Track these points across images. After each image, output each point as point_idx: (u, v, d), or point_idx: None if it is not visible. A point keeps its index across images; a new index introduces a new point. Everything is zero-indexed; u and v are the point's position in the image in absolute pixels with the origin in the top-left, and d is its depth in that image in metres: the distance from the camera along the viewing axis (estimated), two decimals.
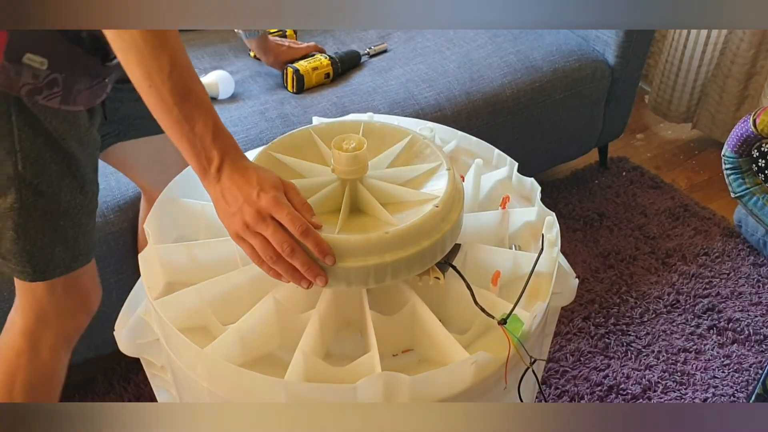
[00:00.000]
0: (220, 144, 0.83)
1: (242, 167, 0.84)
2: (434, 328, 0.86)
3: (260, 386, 0.79)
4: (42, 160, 0.99)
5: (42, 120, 0.98)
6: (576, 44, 2.00)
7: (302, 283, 0.84)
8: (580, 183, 2.27)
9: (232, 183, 0.83)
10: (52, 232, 1.04)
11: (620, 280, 1.94)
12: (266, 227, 0.81)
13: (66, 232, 1.06)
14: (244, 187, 0.82)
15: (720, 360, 1.73)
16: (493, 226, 1.02)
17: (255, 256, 0.84)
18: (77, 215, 1.06)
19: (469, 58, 1.90)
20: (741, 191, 1.85)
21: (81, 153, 1.04)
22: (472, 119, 1.82)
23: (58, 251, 1.06)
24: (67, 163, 1.02)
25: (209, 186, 0.85)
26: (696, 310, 1.85)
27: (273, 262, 0.82)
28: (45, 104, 0.97)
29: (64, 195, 1.03)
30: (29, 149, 0.98)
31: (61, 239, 1.06)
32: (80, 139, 1.04)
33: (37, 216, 1.02)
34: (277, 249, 0.81)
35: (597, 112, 2.10)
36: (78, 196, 1.05)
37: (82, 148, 1.04)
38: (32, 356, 1.15)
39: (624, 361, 1.73)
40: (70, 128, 1.01)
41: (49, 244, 1.05)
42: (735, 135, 1.80)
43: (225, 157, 0.83)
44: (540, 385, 0.94)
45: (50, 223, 1.03)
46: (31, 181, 0.99)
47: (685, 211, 2.16)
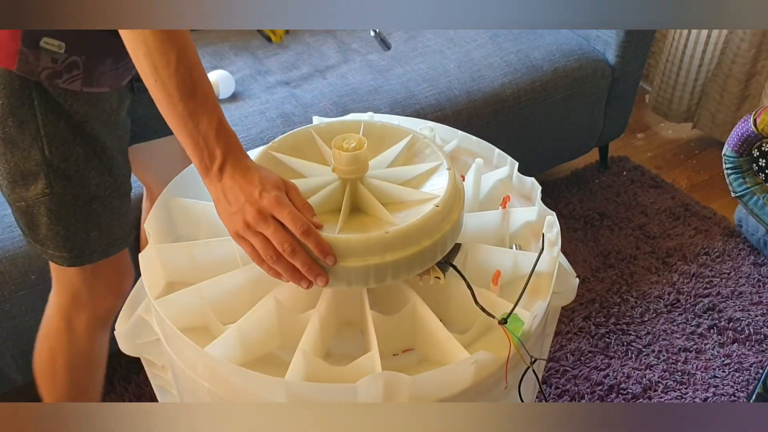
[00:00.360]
0: (224, 142, 0.83)
1: (244, 167, 0.83)
2: (435, 328, 0.86)
3: (261, 386, 0.79)
4: (67, 143, 1.00)
5: (63, 104, 0.98)
6: (576, 44, 2.00)
7: (303, 283, 0.84)
8: (580, 182, 2.27)
9: (233, 182, 0.83)
10: (86, 216, 1.05)
11: (621, 279, 1.93)
12: (267, 226, 0.81)
13: (99, 217, 1.07)
14: (245, 186, 0.82)
15: (720, 359, 1.73)
16: (493, 225, 1.02)
17: (255, 255, 0.83)
18: (108, 198, 1.07)
19: (469, 58, 1.90)
20: (741, 191, 1.85)
21: (107, 135, 1.05)
22: (473, 119, 1.82)
23: (94, 236, 1.07)
24: (92, 146, 1.03)
25: (211, 184, 0.85)
26: (696, 310, 1.85)
27: (273, 262, 0.82)
28: (66, 87, 0.98)
29: (93, 178, 1.04)
30: (54, 134, 0.99)
31: (95, 224, 1.07)
32: (106, 122, 1.04)
33: (68, 201, 1.03)
34: (278, 248, 0.81)
35: (597, 111, 2.10)
36: (107, 178, 1.06)
37: (107, 131, 1.05)
38: (69, 335, 1.20)
39: (624, 361, 1.73)
40: (94, 110, 1.02)
41: (83, 229, 1.06)
42: (735, 134, 1.80)
43: (228, 155, 0.83)
44: (540, 384, 0.94)
45: (82, 207, 1.05)
46: (58, 165, 1.01)
47: (685, 211, 2.16)
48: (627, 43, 1.99)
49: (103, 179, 1.05)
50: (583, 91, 2.00)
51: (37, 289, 1.39)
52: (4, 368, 1.47)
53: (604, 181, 2.28)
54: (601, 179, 2.29)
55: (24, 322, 1.42)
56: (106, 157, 1.05)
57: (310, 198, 0.89)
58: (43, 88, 0.97)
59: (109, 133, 1.05)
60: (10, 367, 1.47)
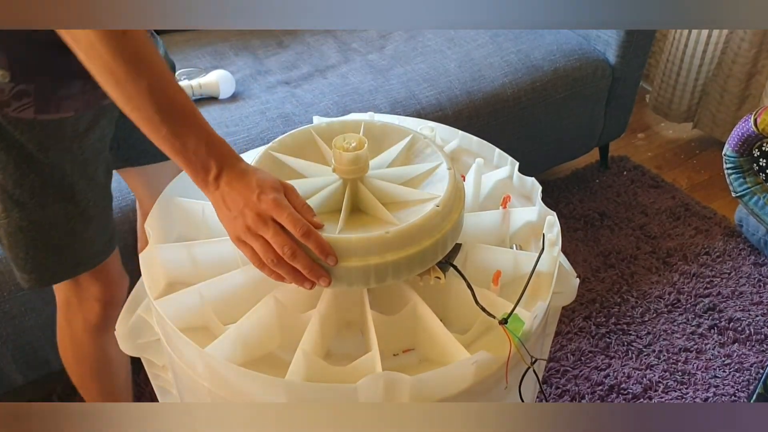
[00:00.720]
0: (216, 153, 0.83)
1: (241, 172, 0.83)
2: (435, 328, 0.86)
3: (261, 386, 0.79)
4: (20, 171, 0.97)
5: (14, 132, 0.94)
6: (577, 44, 2.00)
7: (305, 285, 0.83)
8: (580, 182, 2.27)
9: (231, 188, 0.82)
10: (44, 242, 1.03)
11: (621, 279, 1.93)
12: (267, 230, 0.81)
13: (59, 242, 1.04)
14: (243, 191, 0.81)
15: (721, 359, 1.73)
16: (494, 225, 1.02)
17: (256, 259, 0.83)
18: (68, 224, 1.03)
19: (469, 58, 1.90)
20: (742, 191, 1.85)
21: (68, 162, 1.00)
22: (473, 119, 1.82)
23: (54, 261, 1.05)
24: (49, 174, 0.99)
25: (209, 193, 0.84)
26: (697, 310, 1.85)
27: (274, 265, 0.82)
28: (17, 116, 0.93)
29: (49, 205, 1.00)
30: (5, 161, 0.96)
31: (55, 249, 1.04)
32: (67, 148, 0.99)
33: (24, 227, 1.01)
34: (278, 252, 0.81)
35: (598, 111, 2.10)
36: (66, 205, 1.02)
37: (70, 157, 1.00)
38: (71, 335, 1.21)
39: (625, 361, 1.72)
40: (50, 139, 0.97)
41: (41, 255, 1.04)
42: (736, 134, 1.80)
43: (222, 165, 0.83)
44: (541, 384, 0.94)
45: (40, 233, 1.02)
46: (12, 192, 0.98)
47: (685, 211, 2.16)
48: (627, 42, 1.99)
49: (62, 206, 1.01)
50: (584, 91, 2.00)
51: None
52: (4, 368, 1.47)
53: (605, 181, 2.28)
54: (601, 179, 2.29)
55: (24, 322, 1.42)
56: (66, 183, 1.01)
57: (311, 198, 0.89)
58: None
59: (71, 160, 1.00)
60: (11, 367, 1.47)
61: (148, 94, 0.79)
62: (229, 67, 1.83)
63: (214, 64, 1.85)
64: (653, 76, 2.61)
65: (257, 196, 0.81)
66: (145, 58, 0.79)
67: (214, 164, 0.82)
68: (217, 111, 1.68)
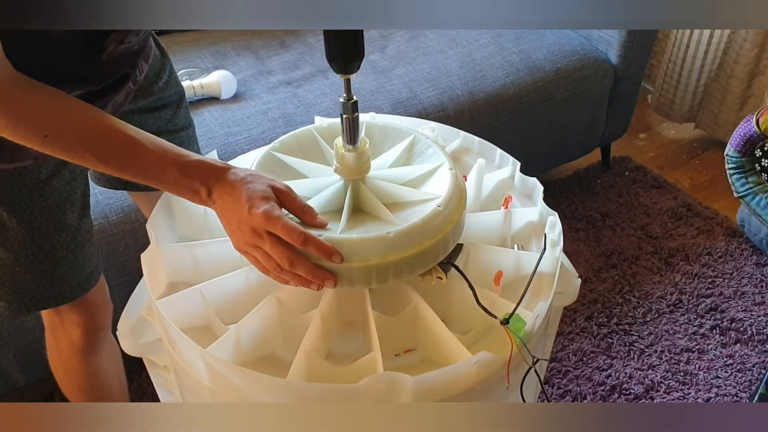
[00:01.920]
0: (197, 176, 0.82)
1: (229, 185, 0.82)
2: (436, 328, 0.86)
3: (262, 386, 0.79)
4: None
5: None
6: (579, 44, 2.00)
7: (312, 287, 0.83)
8: (582, 183, 2.27)
9: (224, 203, 0.82)
10: (10, 277, 1.01)
11: (623, 279, 1.93)
12: (264, 243, 0.80)
13: (23, 278, 1.01)
14: (234, 206, 0.81)
15: (723, 360, 1.73)
16: (495, 225, 1.02)
17: (260, 267, 0.84)
18: (32, 264, 1.00)
19: (471, 58, 1.90)
20: (744, 191, 1.84)
21: (27, 211, 0.96)
22: (475, 119, 1.82)
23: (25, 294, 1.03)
24: (7, 218, 0.96)
25: (209, 207, 0.85)
26: (699, 310, 1.85)
27: (278, 273, 0.82)
28: None
29: (12, 246, 0.98)
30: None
31: (24, 284, 1.02)
32: (25, 196, 0.95)
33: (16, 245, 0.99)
34: (278, 263, 0.81)
35: (599, 111, 2.10)
36: (30, 247, 0.99)
37: (29, 205, 0.96)
38: (58, 353, 1.21)
39: (626, 361, 1.72)
40: (6, 187, 0.93)
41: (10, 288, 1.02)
42: (738, 134, 1.79)
43: (209, 183, 0.82)
44: (542, 384, 0.94)
45: (4, 269, 1.00)
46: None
47: (687, 211, 2.16)
48: (629, 43, 1.99)
49: (23, 248, 0.98)
50: (585, 91, 2.00)
51: None
52: (6, 368, 1.47)
53: (606, 182, 2.28)
54: (603, 179, 2.29)
55: (26, 323, 1.42)
56: (24, 229, 0.97)
57: (312, 198, 0.89)
58: None
59: (30, 209, 0.96)
60: (13, 367, 1.47)
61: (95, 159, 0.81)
62: (230, 67, 1.83)
63: (215, 65, 1.85)
64: (655, 76, 2.61)
65: (248, 211, 0.79)
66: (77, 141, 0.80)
67: (201, 185, 0.82)
68: (219, 111, 1.68)
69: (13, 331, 1.42)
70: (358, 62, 0.82)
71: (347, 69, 0.81)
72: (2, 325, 1.40)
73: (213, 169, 0.83)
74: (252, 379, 0.79)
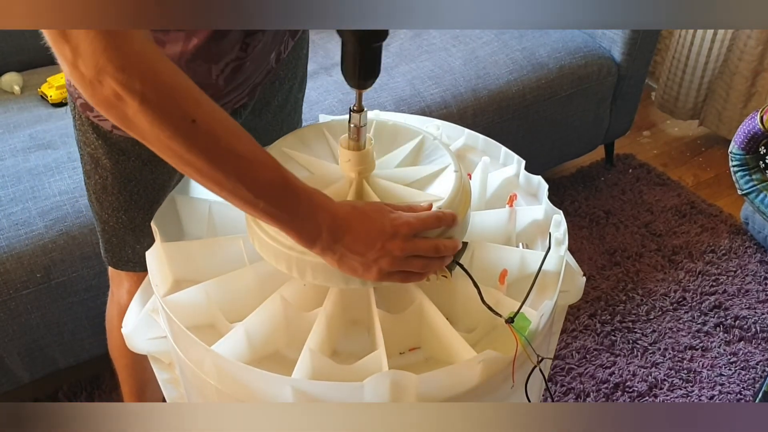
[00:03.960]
0: (323, 218, 0.76)
1: (353, 234, 0.77)
2: (441, 327, 0.86)
3: (267, 384, 0.79)
4: (88, 167, 1.00)
5: (93, 133, 0.95)
6: (582, 41, 1.99)
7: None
8: (586, 180, 2.27)
9: (350, 251, 0.78)
10: (101, 228, 1.07)
11: (626, 277, 1.93)
12: (414, 265, 0.81)
13: (110, 237, 1.07)
14: (366, 253, 0.78)
15: (726, 357, 1.73)
16: (500, 224, 1.02)
17: (414, 277, 0.83)
18: (120, 230, 1.05)
19: (475, 56, 1.90)
20: (748, 188, 1.84)
21: (133, 180, 0.99)
22: (478, 116, 1.81)
23: (107, 248, 1.09)
24: (110, 183, 0.98)
25: (321, 255, 0.80)
26: (702, 308, 1.85)
27: (427, 268, 0.83)
28: (97, 123, 0.93)
29: (106, 207, 1.03)
30: (83, 151, 0.99)
31: (108, 240, 1.08)
32: (137, 168, 0.97)
33: (91, 205, 1.05)
34: (427, 264, 0.82)
35: (603, 109, 2.10)
36: (121, 216, 1.03)
37: (136, 176, 0.98)
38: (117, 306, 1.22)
39: (630, 359, 1.72)
40: (122, 153, 0.95)
41: (102, 237, 1.08)
42: (742, 132, 1.79)
43: (332, 230, 0.77)
44: (547, 383, 0.94)
45: (97, 219, 1.06)
46: (84, 176, 1.02)
47: (691, 209, 2.16)
48: (633, 40, 1.98)
49: (114, 214, 1.01)
50: (589, 89, 2.00)
51: (43, 287, 1.39)
52: (10, 366, 1.47)
53: (610, 179, 2.27)
54: (606, 177, 2.28)
55: (30, 320, 1.42)
56: (123, 197, 0.99)
57: None
58: (79, 112, 0.94)
59: (137, 179, 0.98)
60: (17, 364, 1.48)
61: (236, 179, 0.71)
62: None
63: None
64: (659, 74, 2.60)
65: (383, 246, 0.77)
66: (223, 141, 0.70)
67: (325, 230, 0.76)
68: None
69: (18, 328, 1.42)
70: (374, 79, 0.81)
71: (363, 86, 0.81)
72: (6, 323, 1.40)
73: (333, 214, 0.78)
74: (257, 376, 0.79)
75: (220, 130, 0.70)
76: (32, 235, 1.38)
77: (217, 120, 0.70)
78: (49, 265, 1.38)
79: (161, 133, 0.67)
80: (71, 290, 1.43)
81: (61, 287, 1.41)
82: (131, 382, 1.33)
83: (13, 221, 1.39)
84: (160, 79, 0.66)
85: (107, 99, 0.65)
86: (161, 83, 0.66)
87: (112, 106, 0.66)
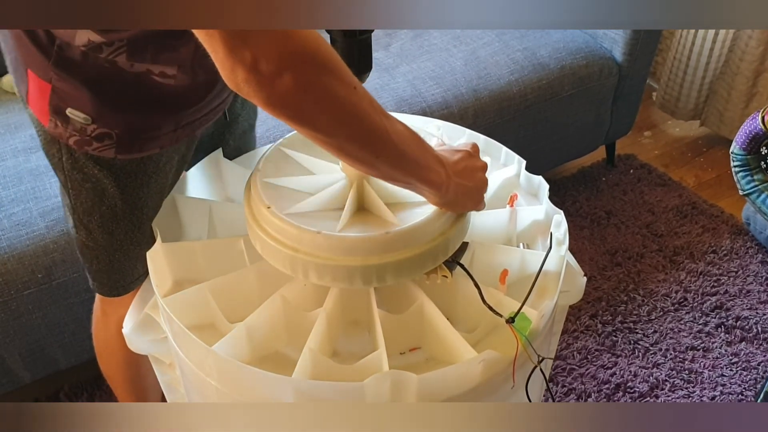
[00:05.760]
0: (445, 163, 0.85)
1: (457, 169, 0.86)
2: (442, 327, 0.86)
3: (268, 384, 0.79)
4: (91, 202, 0.96)
5: (91, 168, 0.93)
6: (583, 41, 1.99)
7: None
8: (587, 180, 2.27)
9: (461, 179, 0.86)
10: (106, 262, 1.04)
11: (627, 277, 1.93)
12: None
13: (121, 264, 1.04)
14: (467, 175, 0.87)
15: (728, 358, 1.72)
16: (501, 224, 1.02)
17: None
18: (134, 249, 1.02)
19: (475, 56, 1.89)
20: (749, 189, 1.84)
21: (144, 193, 0.98)
22: (479, 117, 1.81)
23: (114, 278, 1.06)
24: (122, 206, 0.97)
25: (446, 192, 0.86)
26: (704, 308, 1.85)
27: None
28: (97, 155, 0.92)
29: (117, 234, 1.00)
30: (79, 192, 0.96)
31: (117, 269, 1.05)
32: (144, 183, 0.97)
33: (90, 245, 1.01)
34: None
35: (604, 109, 2.10)
36: (135, 234, 1.01)
37: (146, 189, 0.98)
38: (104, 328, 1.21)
39: (631, 359, 1.72)
40: (129, 176, 0.95)
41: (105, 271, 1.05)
42: (744, 132, 1.79)
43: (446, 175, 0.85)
44: (547, 383, 0.94)
45: (104, 254, 1.02)
46: (81, 218, 0.98)
47: (693, 209, 2.16)
48: (634, 40, 1.98)
49: (129, 235, 1.01)
50: (590, 89, 1.99)
51: (44, 287, 1.39)
52: (11, 366, 1.47)
53: (611, 179, 2.27)
54: (607, 177, 2.28)
55: (31, 320, 1.42)
56: (135, 216, 0.99)
57: (316, 195, 0.88)
58: (71, 151, 0.92)
59: (147, 192, 0.98)
60: (18, 365, 1.48)
61: (392, 163, 0.78)
62: None
63: None
64: (660, 74, 2.60)
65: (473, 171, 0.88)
66: (384, 133, 0.75)
67: (444, 172, 0.84)
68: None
69: (19, 329, 1.42)
70: (367, 73, 0.83)
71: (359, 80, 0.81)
72: (7, 324, 1.40)
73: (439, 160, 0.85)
74: (257, 377, 0.79)
75: (379, 119, 0.75)
76: (33, 235, 1.38)
77: (374, 111, 0.75)
78: (50, 265, 1.38)
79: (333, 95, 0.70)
80: (72, 290, 1.43)
81: (63, 287, 1.41)
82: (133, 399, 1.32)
83: (15, 222, 1.40)
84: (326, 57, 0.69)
85: (287, 91, 0.67)
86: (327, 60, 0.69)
87: (290, 97, 0.67)
